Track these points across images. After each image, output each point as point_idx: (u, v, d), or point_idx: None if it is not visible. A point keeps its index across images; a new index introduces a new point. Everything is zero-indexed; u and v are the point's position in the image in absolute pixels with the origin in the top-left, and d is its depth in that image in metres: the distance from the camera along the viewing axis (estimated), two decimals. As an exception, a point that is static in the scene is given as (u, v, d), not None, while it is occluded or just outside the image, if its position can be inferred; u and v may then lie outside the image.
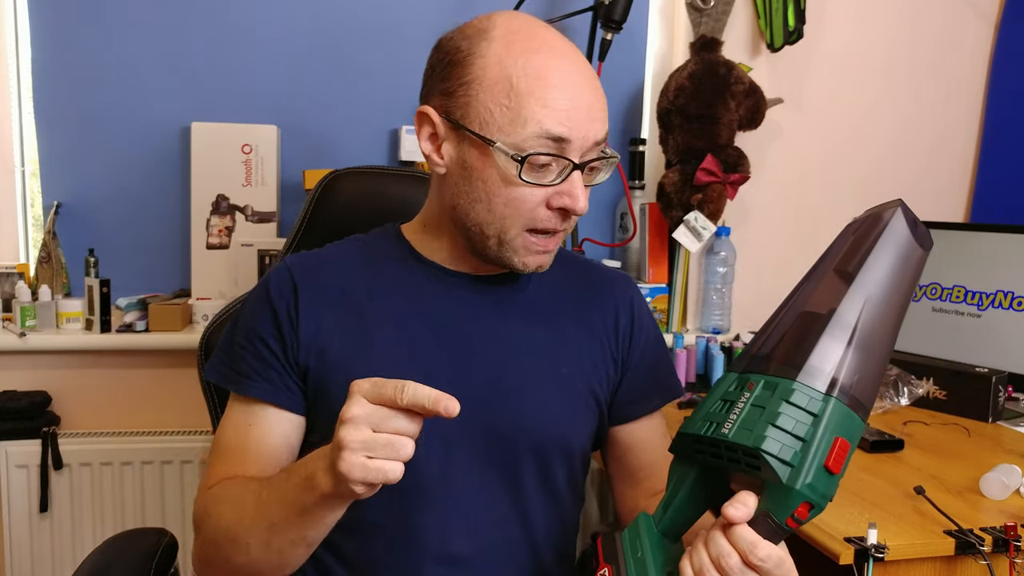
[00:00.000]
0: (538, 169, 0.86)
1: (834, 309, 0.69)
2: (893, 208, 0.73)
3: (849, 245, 0.73)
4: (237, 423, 0.93)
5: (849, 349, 0.68)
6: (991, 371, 1.49)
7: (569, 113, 0.85)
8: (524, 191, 0.87)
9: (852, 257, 0.71)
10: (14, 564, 1.71)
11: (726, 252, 1.87)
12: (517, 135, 0.85)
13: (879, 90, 2.02)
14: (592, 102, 0.88)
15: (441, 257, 0.97)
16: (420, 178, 1.32)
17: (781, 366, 0.69)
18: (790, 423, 0.66)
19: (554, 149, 0.85)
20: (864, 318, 0.69)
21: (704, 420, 0.71)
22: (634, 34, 1.90)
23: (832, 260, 0.73)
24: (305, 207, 1.26)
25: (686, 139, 1.75)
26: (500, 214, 0.88)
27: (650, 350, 1.04)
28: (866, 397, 0.69)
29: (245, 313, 0.96)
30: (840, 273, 0.71)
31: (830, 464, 0.66)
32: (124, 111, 1.75)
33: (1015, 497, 1.10)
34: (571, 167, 0.86)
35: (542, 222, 0.88)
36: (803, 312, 0.72)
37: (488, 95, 0.86)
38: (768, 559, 0.66)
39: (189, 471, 1.75)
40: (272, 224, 1.78)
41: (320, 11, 1.79)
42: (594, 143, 0.88)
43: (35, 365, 1.74)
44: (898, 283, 0.71)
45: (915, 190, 2.06)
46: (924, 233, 0.72)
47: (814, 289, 0.72)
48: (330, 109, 1.82)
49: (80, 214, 1.75)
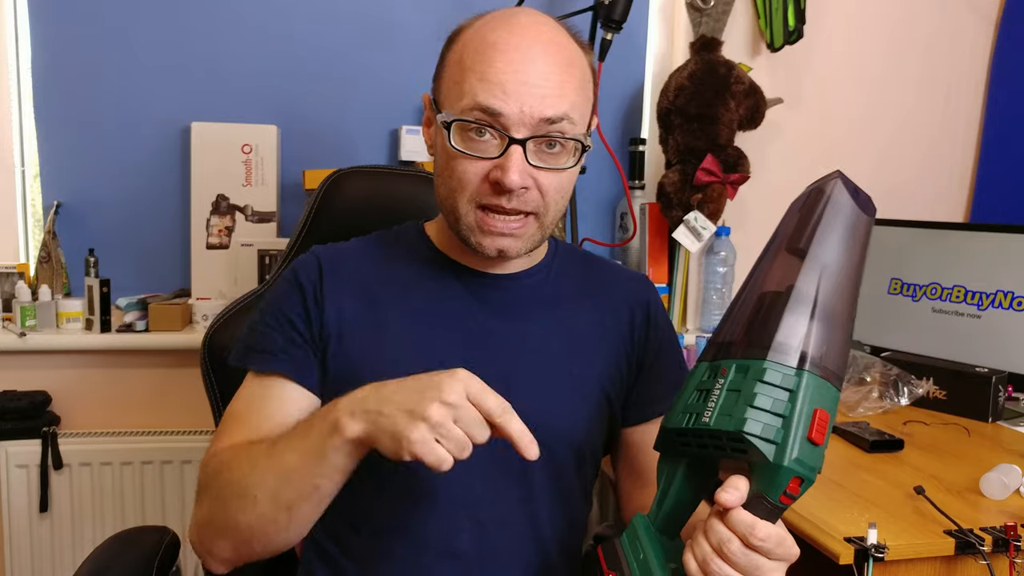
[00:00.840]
0: (474, 140, 0.87)
1: (792, 285, 0.70)
2: (833, 180, 0.73)
3: (797, 222, 0.73)
4: (252, 396, 0.94)
5: (813, 322, 0.68)
6: (991, 371, 1.49)
7: (504, 86, 0.85)
8: (464, 163, 0.88)
9: (801, 233, 0.71)
10: (14, 564, 1.71)
11: (726, 252, 1.87)
12: (456, 108, 0.88)
13: (879, 90, 2.02)
14: (541, 76, 0.86)
15: (456, 253, 0.99)
16: (425, 177, 1.32)
17: (750, 348, 0.69)
18: (768, 402, 0.66)
19: (485, 119, 0.86)
20: (822, 290, 0.70)
21: (683, 412, 0.71)
22: (634, 34, 1.90)
23: (783, 239, 0.73)
24: (309, 206, 1.26)
25: (686, 139, 1.75)
26: (450, 187, 0.91)
27: (665, 352, 1.04)
28: (837, 366, 0.69)
29: (271, 297, 0.98)
30: (792, 250, 0.72)
31: (813, 436, 0.66)
32: (124, 111, 1.75)
33: (1015, 497, 1.10)
34: (508, 141, 0.86)
35: (484, 196, 0.88)
36: (762, 293, 0.72)
37: (448, 74, 0.91)
38: (768, 539, 0.67)
39: (189, 471, 1.75)
40: (272, 224, 1.78)
41: (320, 11, 1.79)
42: (540, 119, 0.86)
43: (35, 365, 1.74)
44: (849, 251, 0.71)
45: (915, 190, 2.06)
46: (866, 200, 0.73)
47: (769, 270, 0.73)
48: (330, 109, 1.82)
49: (80, 214, 1.75)
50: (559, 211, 0.93)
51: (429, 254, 1.00)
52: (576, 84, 0.89)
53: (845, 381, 1.57)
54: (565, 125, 0.87)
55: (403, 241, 1.03)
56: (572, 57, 0.90)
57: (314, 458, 0.78)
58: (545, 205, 0.90)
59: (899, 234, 1.93)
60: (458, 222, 0.91)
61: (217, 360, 1.18)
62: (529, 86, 0.85)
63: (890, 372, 1.53)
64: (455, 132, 0.88)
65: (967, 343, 1.75)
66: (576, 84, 0.89)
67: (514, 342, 0.96)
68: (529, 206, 0.89)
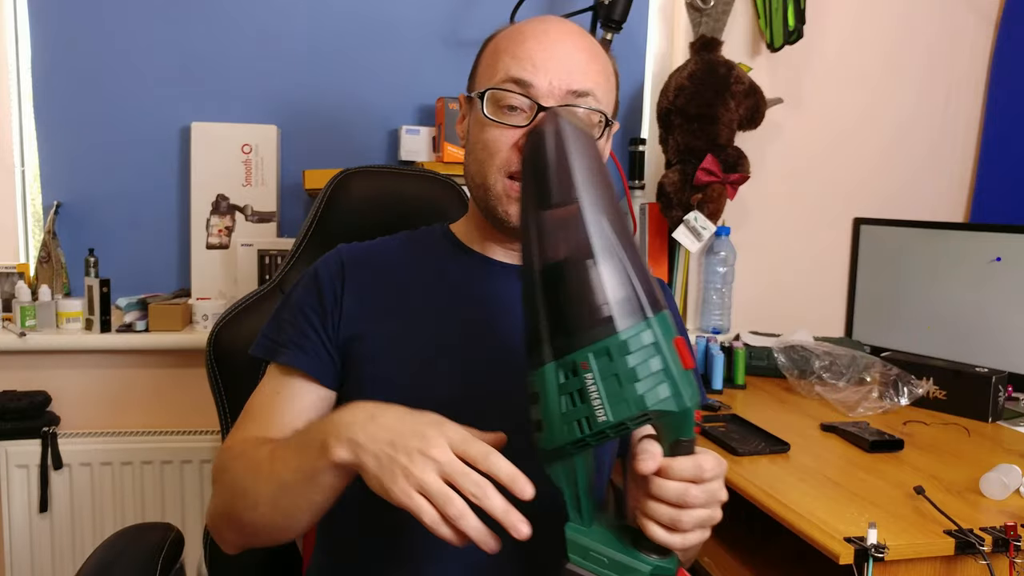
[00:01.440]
0: (506, 111, 0.91)
1: (583, 241, 0.66)
2: (548, 119, 0.73)
3: (535, 177, 0.71)
4: (267, 390, 0.96)
5: (622, 264, 0.66)
6: (991, 371, 1.49)
7: (534, 59, 0.90)
8: (494, 132, 0.92)
9: (548, 185, 0.69)
10: (14, 564, 1.71)
11: (726, 252, 1.87)
12: (488, 83, 0.93)
13: (879, 90, 2.01)
14: (568, 55, 0.91)
15: (482, 246, 1.01)
16: (432, 178, 1.32)
17: (593, 329, 0.65)
18: (646, 369, 0.65)
19: (518, 90, 0.90)
20: (607, 228, 0.67)
21: (568, 423, 0.67)
22: (634, 34, 1.90)
23: (532, 201, 0.70)
24: (315, 206, 1.26)
25: (686, 139, 1.74)
26: (479, 158, 0.94)
27: None
28: (651, 284, 0.68)
29: (294, 293, 1.00)
30: (552, 207, 0.68)
31: (686, 365, 0.67)
32: (124, 111, 1.75)
33: (1015, 497, 1.10)
34: (537, 109, 0.89)
35: (513, 164, 0.91)
36: (554, 265, 0.67)
37: (483, 63, 0.97)
38: (715, 467, 0.69)
39: (189, 471, 1.75)
40: (272, 224, 1.78)
41: (320, 11, 1.79)
42: (568, 91, 0.90)
43: (35, 365, 1.74)
44: (598, 173, 0.70)
45: (915, 190, 2.06)
46: (580, 124, 0.74)
47: (543, 240, 0.68)
48: (330, 109, 1.82)
49: (80, 214, 1.75)
50: None
51: (455, 251, 1.02)
52: (601, 70, 0.94)
53: (846, 381, 1.58)
54: (590, 100, 0.92)
55: (429, 240, 1.05)
56: (597, 51, 0.95)
57: (305, 476, 0.78)
58: None
59: (899, 234, 1.93)
60: (487, 193, 0.93)
61: (222, 358, 1.19)
62: (557, 60, 0.90)
63: (890, 372, 1.53)
64: (488, 102, 0.92)
65: (967, 343, 1.76)
66: (601, 70, 0.94)
67: None
68: None
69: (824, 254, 2.03)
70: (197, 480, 1.75)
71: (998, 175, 2.04)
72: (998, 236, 1.74)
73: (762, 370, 1.75)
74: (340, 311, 0.95)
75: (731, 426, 1.39)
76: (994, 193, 2.04)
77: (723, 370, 1.67)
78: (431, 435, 0.69)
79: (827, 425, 1.40)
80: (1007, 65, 2.02)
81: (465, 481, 0.67)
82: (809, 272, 2.02)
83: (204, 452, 1.75)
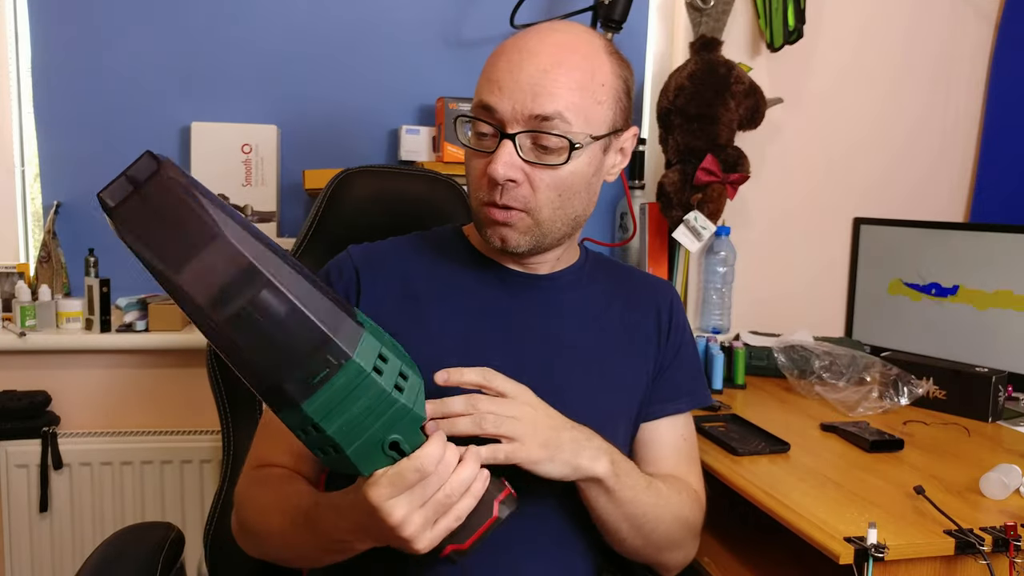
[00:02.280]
0: (480, 139, 0.92)
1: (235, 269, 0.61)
2: (148, 165, 0.64)
3: (157, 238, 0.61)
4: None
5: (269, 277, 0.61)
6: (991, 371, 1.49)
7: (501, 82, 0.89)
8: (473, 159, 0.94)
9: (173, 243, 0.61)
10: (14, 564, 1.71)
11: (726, 252, 1.87)
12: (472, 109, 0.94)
13: (879, 90, 2.01)
14: (535, 76, 0.88)
15: (494, 252, 1.01)
16: (433, 178, 1.32)
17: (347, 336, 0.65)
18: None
19: (485, 116, 0.91)
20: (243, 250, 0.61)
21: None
22: (634, 34, 1.90)
23: (168, 260, 0.61)
24: (316, 206, 1.26)
25: (686, 139, 1.74)
26: (469, 185, 0.96)
27: (683, 353, 1.07)
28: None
29: None
30: (181, 259, 0.61)
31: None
32: (124, 111, 1.75)
33: (1015, 497, 1.10)
34: (500, 136, 0.90)
35: (484, 193, 0.93)
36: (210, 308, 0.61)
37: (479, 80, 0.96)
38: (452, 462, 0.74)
39: (189, 471, 1.75)
40: (272, 224, 1.78)
41: (320, 11, 1.79)
42: (530, 116, 0.88)
43: (35, 365, 1.74)
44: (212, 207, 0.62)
45: (915, 190, 2.06)
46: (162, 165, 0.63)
47: (200, 284, 0.61)
48: (330, 109, 1.82)
49: (80, 214, 1.75)
50: (558, 210, 0.93)
51: (468, 254, 1.03)
52: (575, 85, 0.89)
53: (846, 381, 1.58)
54: (557, 123, 0.89)
55: (442, 241, 1.05)
56: (579, 58, 0.90)
57: (325, 552, 0.85)
58: (536, 201, 0.92)
59: (899, 234, 1.93)
60: (475, 218, 0.97)
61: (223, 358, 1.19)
62: (521, 83, 0.88)
63: (890, 372, 1.53)
64: (459, 128, 0.94)
65: (967, 343, 1.76)
66: (575, 85, 0.89)
67: (551, 339, 0.99)
68: (518, 201, 0.91)
69: (824, 254, 2.03)
70: (197, 480, 1.75)
71: (998, 175, 2.04)
72: (998, 236, 1.74)
73: (762, 370, 1.75)
74: None
75: (731, 426, 1.39)
76: (994, 193, 2.04)
77: (723, 370, 1.67)
78: (387, 515, 0.72)
79: (827, 425, 1.40)
80: (1007, 65, 2.02)
81: None
82: (809, 272, 2.02)
83: (204, 452, 1.75)
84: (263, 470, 0.96)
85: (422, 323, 0.96)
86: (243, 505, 0.95)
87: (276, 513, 0.89)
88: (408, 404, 0.69)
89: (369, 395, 0.67)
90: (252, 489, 0.95)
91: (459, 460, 0.74)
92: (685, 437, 1.06)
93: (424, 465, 0.71)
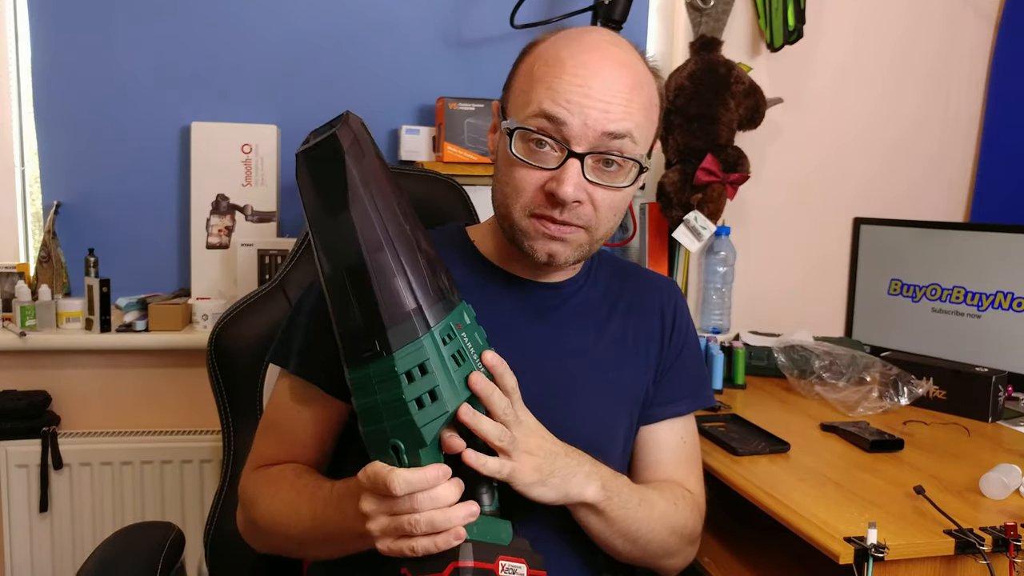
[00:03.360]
0: (535, 150, 0.88)
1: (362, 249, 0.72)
2: (338, 127, 0.75)
3: (314, 189, 0.76)
4: (285, 404, 0.97)
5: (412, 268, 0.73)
6: (991, 371, 1.49)
7: (569, 96, 0.86)
8: (522, 171, 0.89)
9: (332, 193, 0.75)
10: (14, 564, 1.71)
11: (726, 252, 1.87)
12: (521, 116, 0.89)
13: (879, 90, 2.01)
14: (607, 94, 0.86)
15: (499, 258, 1.00)
16: (433, 178, 1.32)
17: (441, 301, 0.74)
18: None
19: (550, 130, 0.87)
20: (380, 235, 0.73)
21: (456, 383, 0.74)
22: (634, 34, 1.89)
23: (317, 210, 0.76)
24: None
25: (686, 139, 1.74)
26: (505, 193, 0.92)
27: (686, 354, 1.06)
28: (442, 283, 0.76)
29: (306, 295, 1.00)
30: (333, 211, 0.75)
31: None
32: (124, 111, 1.75)
33: (1015, 497, 1.10)
34: (567, 154, 0.87)
35: (537, 207, 0.89)
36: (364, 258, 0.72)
37: (518, 84, 0.93)
38: None
39: (189, 471, 1.75)
40: (272, 224, 1.78)
41: (320, 11, 1.79)
42: (602, 133, 0.87)
43: (35, 365, 1.74)
44: (381, 178, 0.77)
45: (915, 190, 2.06)
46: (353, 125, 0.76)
47: (333, 244, 0.74)
48: (330, 109, 1.80)
49: (80, 214, 1.75)
50: (610, 229, 0.94)
51: (474, 260, 1.01)
52: (641, 105, 0.90)
53: (846, 381, 1.58)
54: (626, 143, 0.88)
55: (448, 243, 1.03)
56: (641, 79, 0.91)
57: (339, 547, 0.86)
58: (597, 221, 0.91)
59: (899, 234, 1.93)
60: (512, 227, 0.92)
61: (223, 357, 1.19)
62: (594, 100, 0.86)
63: (890, 372, 1.53)
64: (517, 139, 0.89)
65: (967, 343, 1.76)
66: (641, 105, 0.90)
67: (557, 350, 0.98)
68: (581, 220, 0.90)
69: (824, 254, 2.03)
70: (197, 480, 1.75)
71: (998, 175, 2.04)
72: (998, 236, 1.74)
73: (762, 370, 1.75)
74: None
75: (731, 426, 1.39)
76: (994, 193, 2.04)
77: (723, 370, 1.67)
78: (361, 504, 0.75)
79: (827, 425, 1.40)
80: (1007, 65, 2.02)
81: None
82: (809, 272, 2.02)
83: (204, 452, 1.75)
84: (271, 468, 0.96)
85: None
86: (255, 503, 0.94)
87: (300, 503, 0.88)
88: (417, 422, 0.71)
89: (390, 394, 0.71)
90: (265, 487, 0.94)
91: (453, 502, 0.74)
92: (685, 439, 1.05)
93: (393, 485, 0.71)
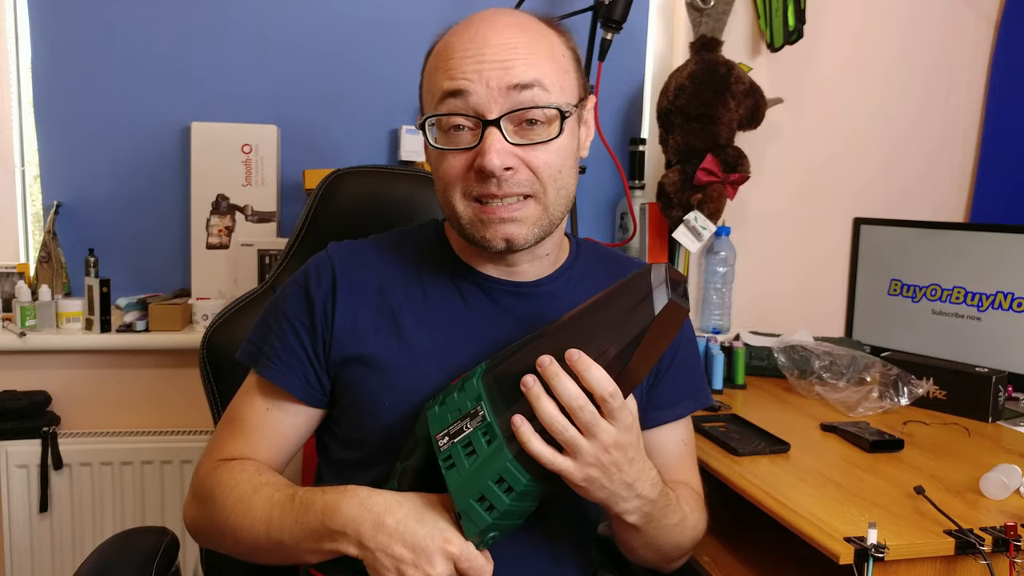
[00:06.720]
0: (453, 135, 0.86)
1: None
2: (657, 286, 0.74)
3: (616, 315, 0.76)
4: (253, 402, 0.95)
5: None
6: (991, 371, 1.49)
7: (464, 68, 0.84)
8: (448, 159, 0.87)
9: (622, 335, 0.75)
10: (14, 564, 1.71)
11: (726, 252, 1.87)
12: (430, 108, 0.88)
13: (879, 90, 2.01)
14: (501, 52, 0.83)
15: (476, 261, 0.96)
16: (424, 177, 1.32)
17: None
18: None
19: (459, 107, 0.84)
20: None
21: None
22: (634, 34, 1.90)
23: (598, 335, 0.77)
24: (308, 206, 1.26)
25: (686, 139, 1.74)
26: (442, 189, 0.90)
27: (680, 353, 1.02)
28: None
29: (282, 296, 0.97)
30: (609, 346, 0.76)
31: None
32: (124, 111, 1.75)
33: (1015, 497, 1.10)
34: (483, 125, 0.84)
35: (473, 186, 0.86)
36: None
37: (423, 87, 0.92)
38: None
39: (189, 471, 1.75)
40: (272, 224, 1.78)
41: (320, 11, 1.79)
42: (507, 88, 0.83)
43: (35, 365, 1.74)
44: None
45: (915, 190, 2.06)
46: (682, 291, 0.75)
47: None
48: (330, 109, 1.82)
49: (80, 214, 1.75)
50: (560, 189, 0.88)
51: (450, 261, 0.97)
52: (544, 55, 0.86)
53: (846, 381, 1.58)
54: (538, 92, 0.84)
55: (424, 244, 0.99)
56: (534, 33, 0.87)
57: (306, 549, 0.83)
58: (541, 184, 0.86)
59: (899, 234, 1.93)
60: (459, 221, 0.89)
61: (216, 360, 1.18)
62: (489, 62, 0.83)
63: (890, 372, 1.53)
64: (435, 131, 0.87)
65: (967, 343, 1.76)
66: (544, 55, 0.86)
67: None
68: (523, 187, 0.86)
69: (824, 254, 2.03)
70: (197, 480, 1.75)
71: (998, 175, 2.04)
72: (998, 236, 1.74)
73: (762, 370, 1.75)
74: (331, 332, 0.92)
75: (731, 426, 1.39)
76: (994, 193, 2.04)
77: (723, 370, 1.67)
78: (433, 552, 0.76)
79: (827, 425, 1.40)
80: (1007, 65, 2.02)
81: None
82: (809, 272, 2.02)
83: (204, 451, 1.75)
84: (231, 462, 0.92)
85: (400, 337, 0.91)
86: (211, 496, 0.90)
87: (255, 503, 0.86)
88: (452, 476, 0.78)
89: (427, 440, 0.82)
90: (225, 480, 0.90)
91: None
92: (685, 441, 1.03)
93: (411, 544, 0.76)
